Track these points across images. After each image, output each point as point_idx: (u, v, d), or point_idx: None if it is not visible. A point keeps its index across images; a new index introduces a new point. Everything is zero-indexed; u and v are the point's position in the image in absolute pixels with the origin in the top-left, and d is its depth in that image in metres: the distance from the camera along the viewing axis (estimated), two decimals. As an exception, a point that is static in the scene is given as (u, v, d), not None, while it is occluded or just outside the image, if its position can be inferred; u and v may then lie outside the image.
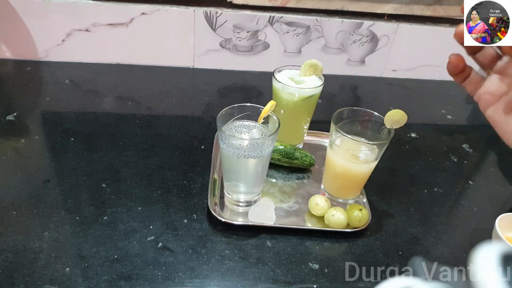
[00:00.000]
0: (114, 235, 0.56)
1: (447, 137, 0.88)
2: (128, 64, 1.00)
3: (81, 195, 0.62)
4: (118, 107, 0.85)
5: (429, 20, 1.00)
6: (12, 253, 0.52)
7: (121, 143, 0.74)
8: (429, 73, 1.07)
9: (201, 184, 0.66)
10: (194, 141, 0.76)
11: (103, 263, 0.52)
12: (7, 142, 0.72)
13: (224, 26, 0.96)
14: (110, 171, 0.67)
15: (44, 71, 0.95)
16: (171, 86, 0.95)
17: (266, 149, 0.56)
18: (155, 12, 0.92)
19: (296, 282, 0.53)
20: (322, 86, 0.68)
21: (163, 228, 0.58)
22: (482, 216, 0.67)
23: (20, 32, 0.92)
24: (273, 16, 0.95)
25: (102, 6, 0.91)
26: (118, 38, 0.95)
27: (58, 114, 0.81)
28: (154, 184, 0.65)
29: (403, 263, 0.57)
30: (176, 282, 0.51)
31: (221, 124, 0.58)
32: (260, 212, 0.61)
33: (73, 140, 0.73)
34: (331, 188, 0.66)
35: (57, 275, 0.50)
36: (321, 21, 0.97)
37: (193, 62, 1.01)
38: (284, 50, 1.01)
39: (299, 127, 0.74)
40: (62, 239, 0.55)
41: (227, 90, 0.96)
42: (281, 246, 0.58)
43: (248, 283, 0.52)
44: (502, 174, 0.78)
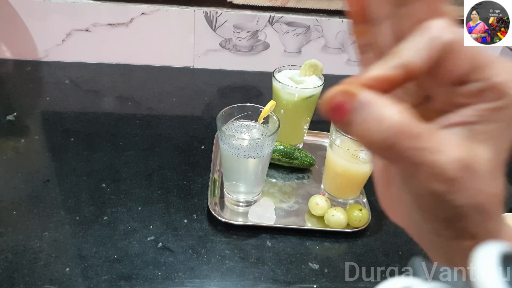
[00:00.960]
0: (114, 235, 0.56)
1: (447, 137, 0.88)
2: (128, 64, 1.00)
3: (81, 195, 0.62)
4: (118, 107, 0.85)
5: (429, 20, 1.00)
6: (12, 253, 0.52)
7: (121, 143, 0.74)
8: (429, 73, 1.07)
9: (201, 184, 0.66)
10: (194, 141, 0.76)
11: (103, 263, 0.52)
12: (7, 142, 0.72)
13: (224, 26, 0.96)
14: (110, 171, 0.67)
15: (44, 71, 0.95)
16: (171, 86, 0.95)
17: (266, 149, 0.56)
18: (155, 12, 0.92)
19: (296, 282, 0.53)
20: (322, 86, 0.68)
21: (163, 228, 0.58)
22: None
23: (20, 32, 0.92)
24: (273, 16, 0.95)
25: (102, 6, 0.91)
26: (118, 38, 0.95)
27: (58, 114, 0.81)
28: (154, 184, 0.65)
29: (403, 263, 0.56)
30: (176, 282, 0.51)
31: (221, 124, 0.58)
32: (260, 212, 0.61)
33: (73, 140, 0.73)
34: (331, 188, 0.66)
35: (57, 275, 0.50)
36: (321, 21, 0.97)
37: (193, 62, 1.01)
38: (284, 50, 1.01)
39: (299, 127, 0.74)
40: (62, 239, 0.55)
41: (227, 90, 0.96)
42: (281, 246, 0.58)
43: (248, 283, 0.52)
44: (502, 174, 0.78)
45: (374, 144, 0.17)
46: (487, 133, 0.17)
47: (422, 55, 0.17)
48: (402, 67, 0.17)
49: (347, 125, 0.17)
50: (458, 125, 0.18)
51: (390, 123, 0.16)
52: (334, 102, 0.17)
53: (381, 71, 0.17)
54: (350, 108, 0.16)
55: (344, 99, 0.16)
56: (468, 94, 0.17)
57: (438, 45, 0.17)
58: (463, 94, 0.18)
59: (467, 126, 0.18)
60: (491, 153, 0.18)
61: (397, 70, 0.17)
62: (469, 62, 0.17)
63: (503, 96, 0.17)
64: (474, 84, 0.17)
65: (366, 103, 0.16)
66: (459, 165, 0.17)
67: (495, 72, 0.17)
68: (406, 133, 0.16)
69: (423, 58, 0.17)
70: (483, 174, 0.18)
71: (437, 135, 0.17)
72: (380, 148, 0.17)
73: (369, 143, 0.17)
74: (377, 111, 0.16)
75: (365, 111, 0.16)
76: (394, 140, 0.16)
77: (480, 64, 0.17)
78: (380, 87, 0.17)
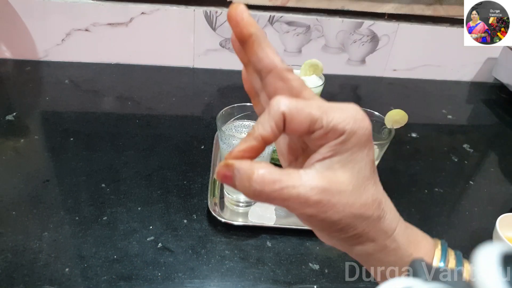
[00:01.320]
0: (113, 235, 0.56)
1: (447, 137, 0.88)
2: (128, 64, 1.00)
3: (80, 195, 0.62)
4: (118, 107, 0.85)
5: (429, 20, 1.00)
6: (12, 253, 0.52)
7: (121, 143, 0.74)
8: (429, 73, 1.07)
9: (201, 184, 0.66)
10: (194, 141, 0.76)
11: (103, 263, 0.52)
12: (6, 142, 0.72)
13: (224, 26, 0.96)
14: (109, 171, 0.67)
15: (43, 71, 0.95)
16: (171, 86, 0.95)
17: (266, 149, 0.56)
18: (155, 12, 0.92)
19: (296, 283, 0.53)
20: (322, 86, 0.68)
21: (162, 228, 0.58)
22: (482, 216, 0.67)
23: (19, 32, 0.92)
24: (273, 15, 0.95)
25: (102, 5, 0.91)
26: (118, 38, 0.95)
27: (58, 114, 0.81)
28: (154, 184, 0.65)
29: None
30: (176, 282, 0.51)
31: (221, 124, 0.58)
32: (260, 212, 0.61)
33: (73, 140, 0.73)
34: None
35: (57, 275, 0.50)
36: (321, 20, 0.97)
37: (193, 61, 1.01)
38: (284, 50, 1.01)
39: (299, 127, 0.74)
40: (61, 239, 0.55)
41: (227, 90, 0.96)
42: (281, 246, 0.57)
43: (248, 284, 0.52)
44: (503, 174, 0.78)
45: (251, 195, 0.22)
46: (341, 161, 0.23)
47: (268, 127, 0.23)
48: (257, 139, 0.23)
49: (234, 186, 0.23)
50: (319, 161, 0.23)
51: (254, 178, 0.22)
52: (221, 173, 0.23)
53: (244, 144, 0.23)
54: (231, 175, 0.23)
55: (226, 170, 0.23)
56: (319, 138, 0.23)
57: (278, 116, 0.22)
58: (316, 139, 0.23)
59: (326, 160, 0.23)
60: (350, 174, 0.23)
61: (255, 141, 0.23)
62: (309, 118, 0.22)
63: (342, 133, 0.23)
64: (319, 131, 0.23)
65: (238, 169, 0.22)
66: (318, 190, 0.22)
67: (330, 118, 0.22)
68: (268, 181, 0.22)
69: (269, 129, 0.23)
70: (348, 191, 0.23)
71: (295, 174, 0.23)
72: (255, 196, 0.22)
73: (247, 195, 0.22)
74: (245, 173, 0.22)
75: (239, 174, 0.22)
76: (260, 188, 0.22)
77: (317, 117, 0.22)
78: (248, 155, 0.23)
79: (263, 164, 0.23)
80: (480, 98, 1.04)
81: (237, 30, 0.25)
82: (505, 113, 0.99)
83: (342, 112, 0.23)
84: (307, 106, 0.23)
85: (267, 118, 0.23)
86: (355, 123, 0.23)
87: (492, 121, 0.96)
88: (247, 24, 0.25)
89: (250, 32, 0.25)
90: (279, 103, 0.23)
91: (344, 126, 0.22)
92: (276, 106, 0.23)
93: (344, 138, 0.23)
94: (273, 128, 0.23)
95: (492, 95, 1.06)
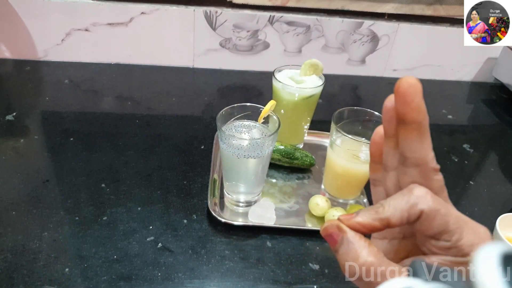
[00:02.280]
0: (113, 236, 0.56)
1: (447, 137, 0.88)
2: (127, 64, 1.00)
3: (80, 195, 0.62)
4: (118, 107, 0.85)
5: (429, 20, 1.00)
6: (12, 253, 0.52)
7: (120, 143, 0.74)
8: (429, 73, 1.07)
9: (201, 184, 0.66)
10: (194, 141, 0.76)
11: (103, 263, 0.52)
12: (6, 142, 0.72)
13: (224, 26, 0.96)
14: (109, 171, 0.67)
15: (43, 71, 0.95)
16: (171, 86, 0.94)
17: (266, 149, 0.56)
18: (154, 12, 0.92)
19: (297, 283, 0.53)
20: (322, 85, 0.68)
21: (162, 229, 0.58)
22: (482, 216, 0.67)
23: (19, 31, 0.92)
24: (273, 15, 0.95)
25: (102, 5, 0.91)
26: (118, 37, 0.95)
27: (58, 114, 0.81)
28: (154, 184, 0.65)
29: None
30: (176, 282, 0.51)
31: (221, 124, 0.57)
32: (260, 213, 0.61)
33: (73, 140, 0.73)
34: (332, 188, 0.66)
35: (57, 276, 0.50)
36: (321, 20, 0.97)
37: (193, 61, 1.01)
38: (284, 50, 1.01)
39: (299, 127, 0.74)
40: (61, 239, 0.55)
41: (227, 90, 0.96)
42: (281, 246, 0.57)
43: (248, 284, 0.52)
44: (503, 174, 0.78)
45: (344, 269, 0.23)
46: None
47: (399, 216, 0.22)
48: (381, 221, 0.22)
49: (335, 251, 0.23)
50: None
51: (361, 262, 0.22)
52: (330, 231, 0.23)
53: (366, 219, 0.23)
54: (337, 240, 0.23)
55: (335, 231, 0.23)
56: (438, 248, 0.22)
57: (415, 211, 0.22)
58: (434, 246, 0.23)
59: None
60: None
61: (377, 222, 0.22)
62: (442, 227, 0.22)
63: (465, 255, 0.22)
64: (444, 243, 0.22)
65: (349, 241, 0.22)
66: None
67: (461, 237, 0.22)
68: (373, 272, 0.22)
69: (399, 218, 0.22)
70: None
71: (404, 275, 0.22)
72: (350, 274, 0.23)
73: (342, 266, 0.23)
74: (356, 250, 0.22)
75: (347, 246, 0.22)
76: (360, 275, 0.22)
77: (450, 230, 0.22)
78: (363, 230, 0.23)
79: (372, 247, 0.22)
80: (480, 98, 1.04)
81: (401, 109, 0.22)
82: (505, 113, 0.99)
83: (474, 236, 0.22)
84: (447, 214, 0.22)
85: (403, 207, 0.22)
86: None
87: (492, 121, 0.96)
88: (416, 110, 0.22)
89: (417, 120, 0.22)
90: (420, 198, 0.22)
91: (471, 251, 0.22)
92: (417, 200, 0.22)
93: (465, 260, 0.22)
94: (404, 220, 0.22)
95: (492, 95, 1.06)
